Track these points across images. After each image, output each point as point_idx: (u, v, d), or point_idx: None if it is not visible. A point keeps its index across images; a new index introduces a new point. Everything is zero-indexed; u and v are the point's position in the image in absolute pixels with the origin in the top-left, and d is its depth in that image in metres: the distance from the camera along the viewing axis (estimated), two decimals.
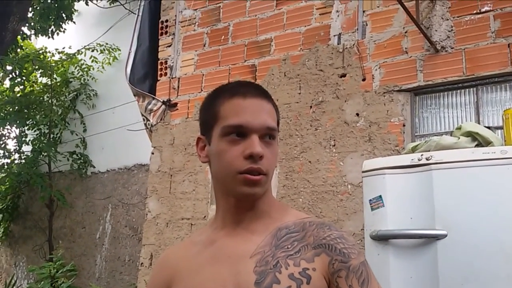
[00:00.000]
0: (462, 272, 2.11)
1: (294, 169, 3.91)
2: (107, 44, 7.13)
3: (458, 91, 3.44)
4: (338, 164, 3.71)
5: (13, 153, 7.50)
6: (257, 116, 1.09)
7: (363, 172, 2.47)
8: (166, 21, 5.01)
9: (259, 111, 1.10)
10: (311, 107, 3.89)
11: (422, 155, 2.30)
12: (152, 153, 4.74)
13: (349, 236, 1.17)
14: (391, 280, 2.23)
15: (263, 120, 1.09)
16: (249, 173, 1.08)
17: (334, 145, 3.75)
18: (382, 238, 2.32)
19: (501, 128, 2.88)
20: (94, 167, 7.03)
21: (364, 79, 3.68)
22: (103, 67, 7.24)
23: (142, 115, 4.84)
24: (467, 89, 3.40)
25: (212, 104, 1.14)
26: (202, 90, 4.53)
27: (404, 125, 3.48)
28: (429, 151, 2.35)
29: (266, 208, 1.17)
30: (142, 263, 4.52)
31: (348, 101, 3.73)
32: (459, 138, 2.33)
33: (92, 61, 7.21)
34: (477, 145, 2.31)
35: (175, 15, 4.94)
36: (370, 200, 2.41)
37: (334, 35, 3.90)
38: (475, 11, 3.34)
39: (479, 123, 3.14)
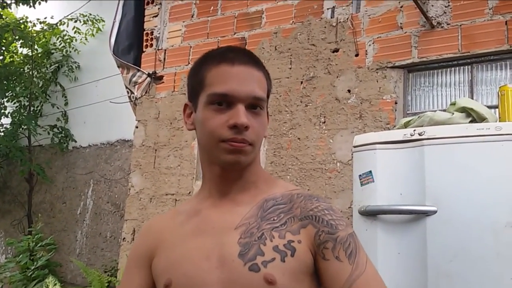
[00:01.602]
0: (451, 249, 2.11)
1: (283, 146, 3.89)
2: (90, 14, 6.99)
3: (453, 68, 3.43)
4: (327, 141, 3.69)
5: None
6: (245, 85, 1.07)
7: (354, 147, 2.45)
8: None
9: (247, 79, 1.08)
10: (301, 82, 3.86)
11: (414, 130, 2.28)
12: (136, 127, 4.68)
13: (337, 209, 1.16)
14: (378, 255, 2.23)
15: (250, 89, 1.07)
16: (234, 142, 1.06)
17: (324, 122, 3.73)
18: (371, 214, 2.32)
19: (495, 107, 2.87)
20: (75, 141, 6.94)
21: (357, 55, 3.65)
22: (86, 39, 7.10)
23: (126, 87, 4.77)
24: (462, 67, 3.39)
25: (199, 70, 1.12)
26: (189, 63, 4.46)
27: (396, 103, 3.46)
28: (422, 126, 2.33)
29: (253, 179, 1.15)
30: (124, 238, 4.49)
31: (340, 77, 3.70)
32: (453, 113, 2.32)
33: (75, 32, 7.07)
34: (471, 121, 2.30)
35: None
36: (360, 175, 2.40)
37: (328, 9, 3.85)
38: None
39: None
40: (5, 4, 7.57)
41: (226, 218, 1.11)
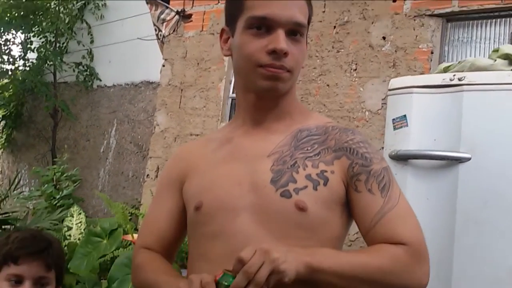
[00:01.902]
0: (483, 197, 2.10)
1: (311, 92, 3.85)
2: None
3: (494, 20, 3.31)
4: (357, 90, 3.64)
5: (18, 60, 7.41)
6: (286, 9, 1.03)
7: (389, 90, 2.41)
8: None
9: (288, 3, 1.05)
10: (334, 27, 3.77)
11: (454, 75, 2.22)
12: (163, 66, 4.67)
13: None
14: (409, 201, 2.22)
15: (291, 13, 1.03)
16: (272, 67, 1.03)
17: (356, 69, 3.67)
18: (402, 158, 2.30)
19: None
20: (100, 80, 6.97)
21: (394, 0, 3.53)
22: None
23: (154, 24, 4.72)
24: (503, 19, 3.27)
25: None
26: (219, 2, 4.37)
27: (432, 53, 3.38)
28: (462, 72, 2.27)
29: (288, 108, 1.14)
30: (148, 175, 4.57)
31: (375, 23, 3.60)
32: (495, 60, 2.25)
33: None
34: None
35: None
36: (394, 119, 2.37)
37: None
38: None
39: None
40: None
41: (259, 145, 1.10)
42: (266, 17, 1.03)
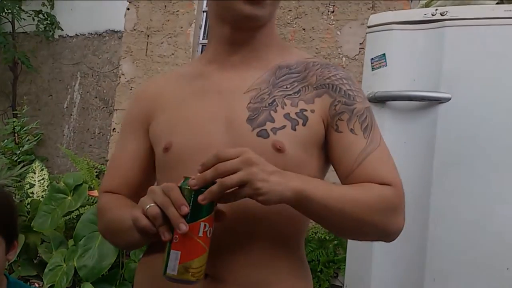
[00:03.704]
0: (462, 139, 2.07)
1: (286, 37, 3.75)
2: None
3: None
4: (335, 34, 3.56)
5: None
6: None
7: (368, 27, 2.34)
8: None
9: None
10: None
11: (436, 9, 2.15)
12: (128, 9, 4.49)
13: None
14: (388, 143, 2.18)
15: None
16: None
17: (333, 11, 3.57)
18: (380, 100, 2.25)
19: None
20: (62, 29, 6.71)
21: None
22: None
23: None
24: None
25: None
26: None
27: None
28: (445, 6, 2.20)
29: (266, 42, 1.08)
30: (114, 129, 4.46)
31: None
32: None
33: None
34: (499, 3, 2.17)
35: None
36: (372, 58, 2.30)
37: None
38: None
39: None
40: None
41: (235, 81, 1.05)
42: None
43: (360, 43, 3.35)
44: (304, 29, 3.65)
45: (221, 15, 1.05)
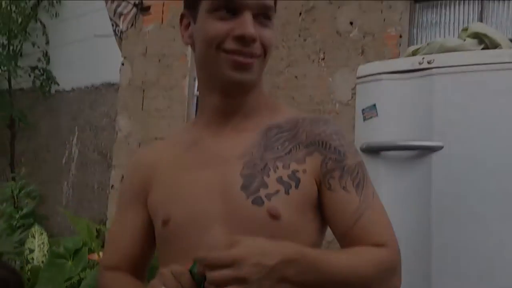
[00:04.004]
0: (457, 187, 2.07)
1: (279, 86, 3.81)
2: None
3: (462, 0, 3.31)
4: (326, 80, 3.61)
5: None
6: None
7: (357, 78, 2.37)
8: None
9: None
10: (300, 14, 3.72)
11: (423, 58, 2.19)
12: (122, 64, 4.56)
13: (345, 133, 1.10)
14: (382, 194, 2.17)
15: None
16: (239, 55, 0.98)
17: (324, 58, 3.63)
18: (373, 150, 2.26)
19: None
20: (58, 84, 6.81)
21: None
22: None
23: (111, 19, 4.61)
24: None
25: None
26: None
27: (401, 36, 3.36)
28: (431, 54, 2.24)
29: (256, 104, 1.09)
30: (112, 186, 4.47)
31: (341, 7, 3.57)
32: (465, 40, 2.23)
33: None
34: (484, 48, 2.21)
35: None
36: (363, 109, 2.33)
37: None
38: None
39: None
40: None
41: (227, 148, 1.06)
42: None
43: (352, 88, 3.40)
44: (296, 77, 3.71)
45: (210, 83, 1.07)
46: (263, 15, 1.00)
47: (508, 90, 2.06)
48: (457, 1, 3.31)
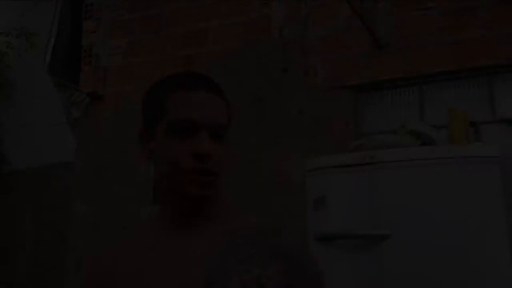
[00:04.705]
0: (408, 274, 2.24)
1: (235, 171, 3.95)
2: (23, 28, 6.82)
3: (403, 89, 3.61)
4: (280, 165, 3.78)
5: None
6: (207, 111, 1.07)
7: (307, 171, 2.56)
8: (91, 4, 4.89)
9: (210, 105, 1.08)
10: (252, 103, 3.95)
11: (365, 154, 2.41)
12: (77, 151, 4.63)
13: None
14: (335, 281, 2.33)
15: (213, 115, 1.07)
16: (197, 173, 1.06)
17: (276, 144, 3.83)
18: (325, 239, 2.42)
19: (446, 127, 3.06)
20: (10, 165, 6.73)
21: (307, 75, 3.78)
22: (19, 54, 6.92)
23: (64, 108, 4.71)
24: (411, 87, 3.58)
25: (157, 95, 1.12)
26: (131, 82, 4.47)
27: (348, 124, 3.61)
28: (373, 149, 2.47)
29: (215, 210, 1.16)
30: (68, 271, 4.42)
31: (290, 97, 3.82)
32: (402, 136, 2.47)
33: (7, 46, 6.87)
34: (421, 144, 2.45)
35: None
36: (314, 200, 2.51)
37: (276, 27, 3.97)
38: (420, 7, 3.53)
39: (423, 121, 3.31)
40: None
41: (188, 251, 1.10)
42: (190, 120, 1.05)
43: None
44: (252, 161, 3.87)
45: (171, 192, 1.13)
46: (218, 133, 1.08)
47: (443, 182, 2.29)
48: (398, 89, 3.60)
